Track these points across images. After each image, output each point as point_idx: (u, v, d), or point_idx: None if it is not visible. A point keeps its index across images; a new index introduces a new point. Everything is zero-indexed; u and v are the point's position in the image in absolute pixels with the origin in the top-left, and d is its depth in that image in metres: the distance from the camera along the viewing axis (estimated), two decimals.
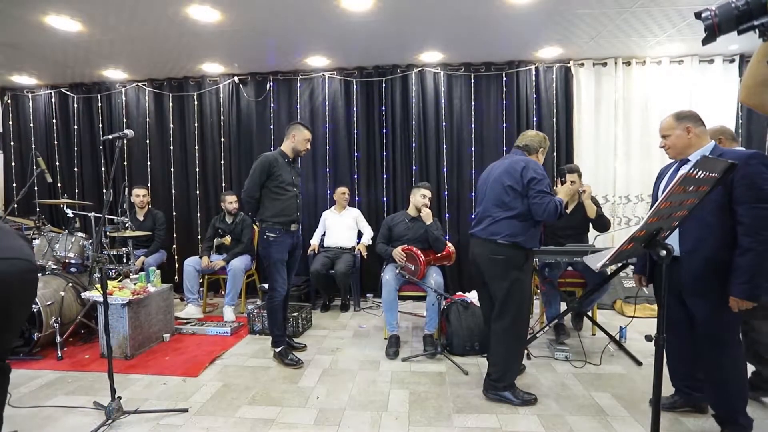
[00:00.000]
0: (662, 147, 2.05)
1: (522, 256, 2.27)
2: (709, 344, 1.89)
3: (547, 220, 2.25)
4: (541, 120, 4.48)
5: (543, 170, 2.27)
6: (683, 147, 1.98)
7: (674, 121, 1.98)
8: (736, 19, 0.88)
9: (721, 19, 0.89)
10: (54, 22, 3.26)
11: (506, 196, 2.26)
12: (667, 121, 2.01)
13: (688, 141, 1.96)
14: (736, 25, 0.89)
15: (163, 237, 4.35)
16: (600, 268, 1.10)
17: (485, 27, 3.62)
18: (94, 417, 2.18)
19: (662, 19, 3.44)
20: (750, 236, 1.70)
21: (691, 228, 1.84)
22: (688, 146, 1.97)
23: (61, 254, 3.39)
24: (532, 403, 2.27)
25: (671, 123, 1.99)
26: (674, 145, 1.99)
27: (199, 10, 3.15)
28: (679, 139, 1.96)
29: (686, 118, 1.98)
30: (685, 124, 1.95)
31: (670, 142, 1.99)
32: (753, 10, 0.86)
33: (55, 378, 2.69)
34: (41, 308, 2.96)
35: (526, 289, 2.31)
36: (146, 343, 3.16)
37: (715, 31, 0.90)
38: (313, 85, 4.67)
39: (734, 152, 1.89)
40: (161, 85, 4.85)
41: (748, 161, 1.76)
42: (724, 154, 1.86)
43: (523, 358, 2.70)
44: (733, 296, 1.75)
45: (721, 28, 0.90)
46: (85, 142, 4.96)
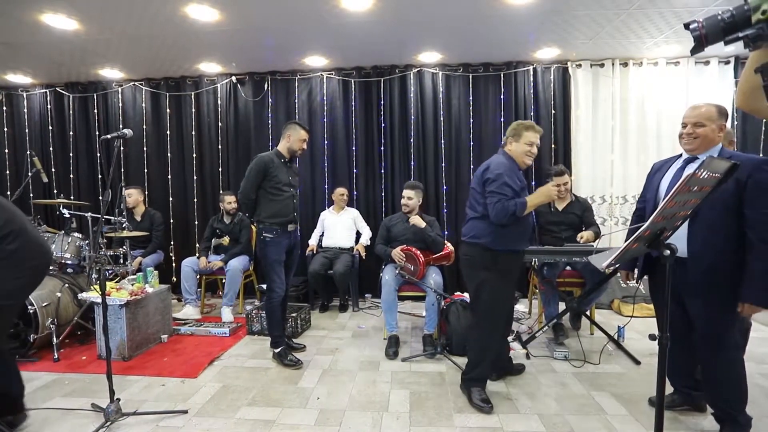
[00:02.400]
0: (688, 134, 1.89)
1: (488, 257, 2.23)
2: (708, 345, 1.89)
3: (499, 222, 2.16)
4: (539, 120, 4.49)
5: (505, 168, 2.20)
6: (709, 142, 1.87)
7: (716, 113, 1.85)
8: (722, 31, 0.90)
9: (708, 30, 0.91)
10: (50, 20, 3.23)
11: (473, 198, 2.33)
12: (711, 111, 1.85)
13: (715, 138, 1.86)
14: (722, 36, 0.91)
15: (160, 237, 4.32)
16: (605, 267, 1.10)
17: (483, 28, 3.63)
18: (93, 419, 2.16)
19: (659, 20, 3.47)
20: (765, 242, 1.68)
21: (698, 230, 1.80)
22: (711, 143, 1.87)
23: (57, 255, 3.35)
24: (485, 411, 2.19)
25: (713, 114, 1.85)
26: (705, 137, 1.85)
27: (198, 9, 3.13)
28: (712, 133, 1.86)
29: (725, 115, 1.88)
30: (722, 121, 1.86)
31: (703, 132, 1.85)
32: (738, 22, 0.88)
33: (52, 380, 2.66)
34: (37, 309, 2.93)
35: (495, 291, 2.26)
36: (144, 344, 3.14)
37: (702, 42, 0.93)
38: (312, 85, 4.66)
39: (746, 157, 1.84)
40: (158, 84, 4.82)
41: (762, 167, 1.74)
42: (734, 155, 1.83)
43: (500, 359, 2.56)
44: (748, 302, 1.73)
45: (708, 39, 0.92)
46: (81, 142, 4.92)
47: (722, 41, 0.91)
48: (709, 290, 1.82)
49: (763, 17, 0.85)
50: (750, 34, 0.86)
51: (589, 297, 3.10)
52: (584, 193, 4.37)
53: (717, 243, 1.78)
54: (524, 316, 3.90)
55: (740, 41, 0.89)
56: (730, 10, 0.88)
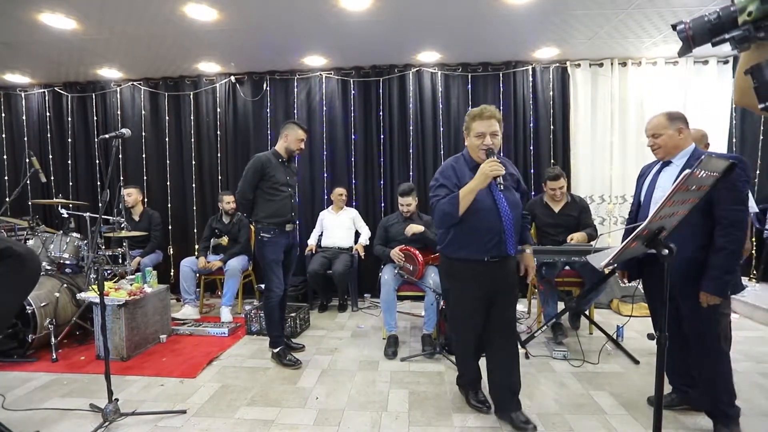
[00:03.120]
0: (651, 146, 2.05)
1: (446, 266, 2.16)
2: (693, 342, 1.95)
3: (442, 226, 2.06)
4: (538, 120, 4.50)
5: (444, 168, 2.07)
6: (672, 147, 1.99)
7: (667, 120, 1.99)
8: (709, 32, 0.90)
9: (695, 31, 0.90)
10: (48, 20, 3.22)
11: None
12: (659, 121, 2.01)
13: (678, 142, 1.98)
14: (709, 37, 0.90)
15: (159, 237, 4.31)
16: (604, 266, 1.11)
17: (483, 27, 3.63)
18: (91, 419, 2.16)
19: (657, 20, 3.47)
20: (724, 236, 1.77)
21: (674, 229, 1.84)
22: (676, 147, 1.99)
23: (55, 255, 3.35)
24: (483, 411, 2.19)
25: (664, 122, 1.99)
26: (665, 144, 1.99)
27: (196, 9, 3.13)
28: (671, 139, 1.98)
29: (679, 119, 1.99)
30: (678, 125, 1.98)
31: (662, 141, 2.00)
32: (725, 23, 0.87)
33: (50, 380, 2.65)
34: (35, 309, 2.93)
35: (456, 304, 2.17)
36: (143, 344, 3.13)
37: (690, 43, 0.92)
38: (310, 85, 4.66)
39: (717, 155, 1.92)
40: (157, 84, 4.81)
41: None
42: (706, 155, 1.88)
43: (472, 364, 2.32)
44: (703, 291, 1.82)
45: (695, 40, 0.91)
46: (80, 142, 4.91)
47: (709, 42, 0.90)
48: (688, 290, 1.87)
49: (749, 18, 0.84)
50: (736, 35, 0.86)
51: (588, 297, 3.10)
52: (583, 192, 4.38)
53: (690, 242, 1.84)
54: (523, 316, 3.90)
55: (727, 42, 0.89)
56: (716, 11, 0.88)
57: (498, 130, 1.95)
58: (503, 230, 1.93)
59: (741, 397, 2.31)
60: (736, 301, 3.74)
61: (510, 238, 1.96)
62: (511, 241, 1.98)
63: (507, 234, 1.95)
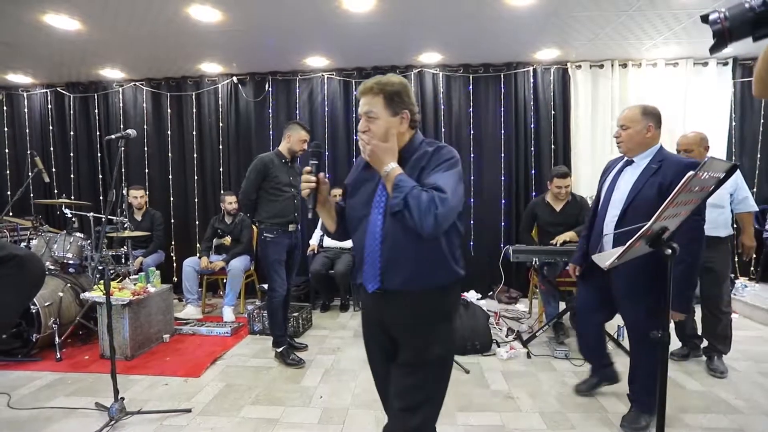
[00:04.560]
0: (616, 137, 1.96)
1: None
2: (637, 345, 2.00)
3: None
4: (539, 121, 4.52)
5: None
6: (637, 144, 1.91)
7: (640, 114, 1.90)
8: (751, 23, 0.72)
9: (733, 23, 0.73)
10: (52, 20, 3.24)
11: None
12: (633, 113, 1.92)
13: (644, 139, 1.90)
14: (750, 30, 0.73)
15: (161, 237, 4.33)
16: (609, 266, 1.12)
17: (484, 28, 3.65)
18: (97, 418, 2.17)
19: (658, 22, 3.49)
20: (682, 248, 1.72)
21: (624, 235, 1.80)
22: (641, 145, 1.91)
23: (59, 255, 3.36)
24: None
25: (636, 115, 1.90)
26: (631, 138, 1.91)
27: (200, 10, 3.14)
28: (638, 134, 1.90)
29: (652, 115, 1.91)
30: (649, 121, 1.89)
31: (627, 135, 1.91)
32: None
33: (55, 379, 2.67)
34: (40, 309, 2.94)
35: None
36: (146, 343, 3.14)
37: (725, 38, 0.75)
38: (312, 86, 4.67)
39: (675, 158, 1.90)
40: (159, 84, 4.82)
41: (685, 171, 1.75)
42: (666, 159, 1.87)
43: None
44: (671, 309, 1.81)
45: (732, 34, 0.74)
46: (82, 142, 4.92)
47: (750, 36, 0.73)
48: (636, 295, 1.88)
49: None
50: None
51: None
52: (584, 192, 4.38)
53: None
54: (524, 316, 3.92)
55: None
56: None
57: (375, 110, 1.28)
58: (363, 257, 1.32)
59: (740, 396, 2.35)
60: (735, 301, 3.76)
61: (372, 268, 1.30)
62: (385, 272, 1.28)
63: (366, 262, 1.31)
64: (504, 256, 4.35)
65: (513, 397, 2.39)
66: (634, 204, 1.83)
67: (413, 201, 1.16)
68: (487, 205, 4.60)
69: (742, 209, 2.71)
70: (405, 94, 1.31)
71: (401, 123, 1.31)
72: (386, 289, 1.30)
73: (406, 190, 1.18)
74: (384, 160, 1.24)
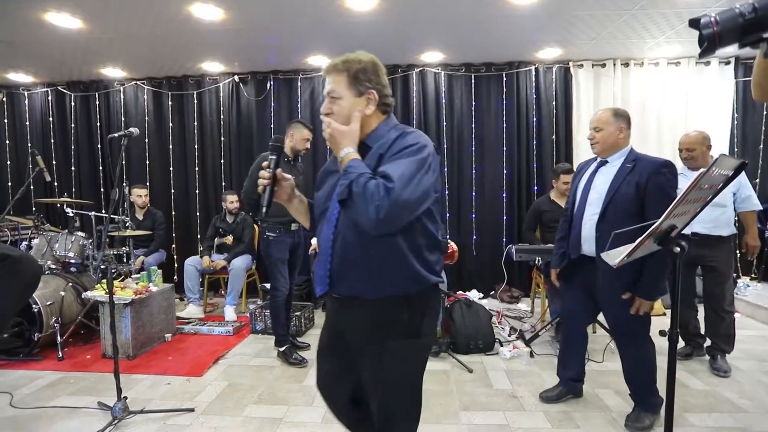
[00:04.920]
0: (590, 139, 2.02)
1: None
2: (623, 341, 2.01)
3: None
4: (541, 120, 4.52)
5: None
6: (610, 145, 1.98)
7: (612, 116, 1.98)
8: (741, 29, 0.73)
9: (723, 27, 0.74)
10: (54, 19, 3.23)
11: None
12: (606, 115, 1.99)
13: (616, 140, 1.97)
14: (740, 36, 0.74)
15: (162, 236, 4.32)
16: (618, 264, 1.12)
17: (486, 28, 3.64)
18: (99, 417, 2.16)
19: (661, 21, 3.49)
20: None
21: (605, 233, 1.82)
22: (614, 146, 1.98)
23: (60, 254, 3.35)
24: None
25: (609, 117, 1.98)
26: (604, 140, 1.98)
27: (202, 9, 3.14)
28: (611, 136, 1.97)
29: (623, 117, 1.99)
30: (620, 123, 1.97)
31: (601, 136, 1.98)
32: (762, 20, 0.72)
33: (57, 378, 2.66)
34: (41, 308, 2.93)
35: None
36: (148, 343, 3.14)
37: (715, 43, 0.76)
38: (314, 85, 4.66)
39: (648, 158, 1.95)
40: (160, 83, 4.81)
41: (659, 170, 1.84)
42: (639, 158, 1.93)
43: None
44: (637, 296, 1.84)
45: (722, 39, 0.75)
46: (83, 141, 4.91)
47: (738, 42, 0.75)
48: (615, 293, 1.89)
49: None
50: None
51: None
52: None
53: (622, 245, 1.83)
54: (527, 315, 3.92)
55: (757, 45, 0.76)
56: (752, 3, 0.72)
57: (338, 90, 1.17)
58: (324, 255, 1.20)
59: (744, 395, 2.35)
60: (738, 301, 3.76)
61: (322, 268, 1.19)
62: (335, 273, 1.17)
63: (319, 260, 1.22)
64: (507, 256, 4.37)
65: (517, 396, 2.39)
66: (614, 201, 1.88)
67: (357, 189, 1.00)
68: (489, 204, 4.59)
69: (746, 208, 2.71)
70: (373, 72, 1.17)
71: (367, 104, 1.16)
72: (340, 294, 1.18)
73: (352, 176, 1.03)
74: (341, 144, 1.10)
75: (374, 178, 1.02)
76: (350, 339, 1.22)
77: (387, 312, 1.14)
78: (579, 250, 2.01)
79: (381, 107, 1.19)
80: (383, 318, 1.14)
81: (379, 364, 1.15)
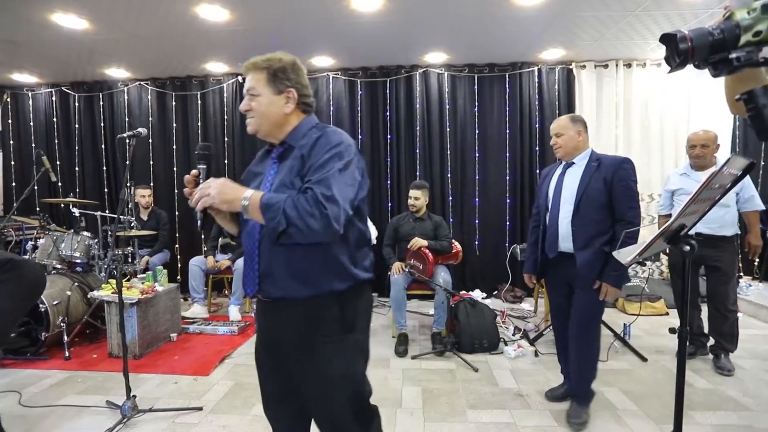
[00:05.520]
0: (553, 145, 2.16)
1: None
2: (579, 326, 2.07)
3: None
4: (544, 120, 4.53)
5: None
6: (572, 149, 2.11)
7: (569, 122, 2.12)
8: (710, 47, 0.79)
9: (696, 43, 0.78)
10: (60, 19, 3.24)
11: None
12: (563, 122, 2.13)
13: (577, 143, 2.11)
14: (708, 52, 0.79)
15: (166, 237, 4.33)
16: (629, 262, 1.14)
17: (490, 29, 3.66)
18: (108, 416, 2.18)
19: (664, 22, 3.51)
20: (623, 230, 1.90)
21: (581, 226, 2.00)
22: (576, 149, 2.11)
23: (66, 254, 3.36)
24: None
25: (567, 124, 2.12)
26: (565, 145, 2.11)
27: (208, 10, 3.15)
28: (571, 140, 2.10)
29: (580, 121, 2.13)
30: (578, 127, 2.11)
31: (562, 141, 2.11)
32: (727, 41, 0.77)
33: (65, 377, 2.67)
34: (48, 308, 2.94)
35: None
36: (154, 342, 3.15)
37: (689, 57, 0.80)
38: (317, 85, 4.68)
39: (610, 157, 2.09)
40: (164, 84, 4.83)
41: (622, 166, 1.99)
42: (602, 158, 2.07)
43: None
44: (606, 282, 1.93)
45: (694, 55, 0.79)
46: (87, 141, 4.93)
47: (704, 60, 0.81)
48: (586, 280, 1.99)
49: (755, 39, 0.76)
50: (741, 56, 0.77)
51: None
52: None
53: (597, 237, 1.98)
54: (530, 315, 3.94)
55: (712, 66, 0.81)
56: (720, 26, 0.79)
57: (257, 87, 1.19)
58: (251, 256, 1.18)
59: (748, 393, 2.37)
60: (740, 300, 3.78)
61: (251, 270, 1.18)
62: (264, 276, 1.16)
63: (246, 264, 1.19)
64: (511, 256, 4.39)
65: (522, 394, 2.40)
66: (586, 196, 2.01)
67: (293, 212, 1.00)
68: (492, 204, 4.61)
69: (749, 208, 2.73)
70: (292, 71, 1.18)
71: (286, 102, 1.17)
72: (269, 297, 1.16)
73: (280, 204, 1.01)
74: (237, 195, 1.05)
75: (303, 192, 1.04)
76: (284, 344, 1.18)
77: (318, 309, 1.13)
78: (556, 248, 2.10)
79: (301, 106, 1.20)
80: (315, 315, 1.13)
81: (315, 363, 1.14)
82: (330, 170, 1.05)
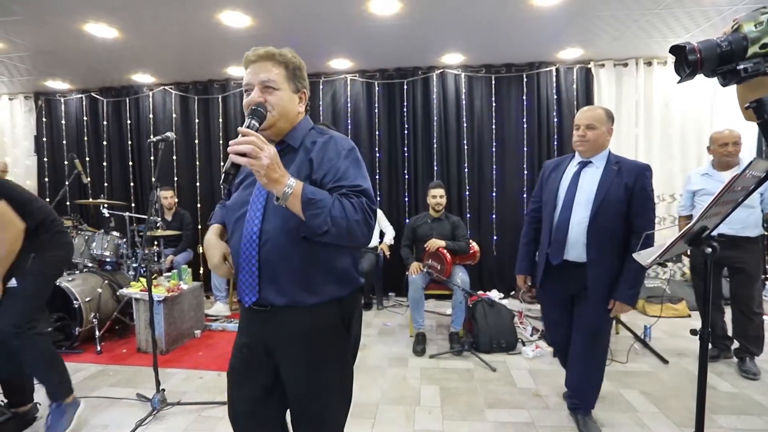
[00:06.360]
0: (581, 137, 1.91)
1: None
2: (590, 342, 1.94)
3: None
4: (562, 121, 4.50)
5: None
6: (599, 146, 1.92)
7: (606, 117, 1.92)
8: (718, 58, 0.82)
9: (705, 55, 0.82)
10: (92, 29, 3.39)
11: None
12: (600, 114, 1.92)
13: (605, 141, 1.93)
14: (717, 63, 0.83)
15: (190, 236, 4.46)
16: (650, 263, 1.15)
17: (508, 29, 3.66)
18: (139, 408, 2.28)
19: (686, 19, 3.45)
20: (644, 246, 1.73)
21: (596, 236, 1.83)
22: (601, 146, 1.92)
23: (97, 253, 3.52)
24: None
25: (603, 118, 1.91)
26: (595, 140, 1.90)
27: (231, 16, 3.25)
28: (601, 136, 1.91)
29: (612, 119, 1.95)
30: (610, 125, 1.93)
31: (593, 135, 1.89)
32: (735, 52, 0.81)
33: (97, 371, 2.80)
34: (81, 304, 3.08)
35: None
36: (179, 338, 3.26)
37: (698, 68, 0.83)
38: (335, 87, 4.75)
39: (629, 160, 1.93)
40: (187, 88, 4.97)
41: (644, 173, 1.83)
42: (621, 161, 1.91)
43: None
44: (621, 301, 1.80)
45: (703, 65, 0.83)
46: (114, 144, 5.11)
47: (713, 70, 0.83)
48: (603, 294, 1.86)
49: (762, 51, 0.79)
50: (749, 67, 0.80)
51: None
52: None
53: (611, 249, 1.84)
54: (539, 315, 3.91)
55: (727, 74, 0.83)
56: (728, 38, 0.82)
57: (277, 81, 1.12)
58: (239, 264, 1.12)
59: None
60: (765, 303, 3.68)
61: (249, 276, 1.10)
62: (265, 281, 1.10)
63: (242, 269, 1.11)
64: None
65: (541, 395, 2.41)
66: (605, 203, 1.83)
67: (340, 215, 0.98)
68: (509, 204, 4.60)
69: None
70: (303, 73, 1.19)
71: (299, 102, 1.17)
72: (271, 305, 1.09)
73: (325, 204, 0.98)
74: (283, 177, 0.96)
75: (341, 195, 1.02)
76: (282, 352, 1.14)
77: (325, 316, 1.11)
78: (562, 256, 1.90)
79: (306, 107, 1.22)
80: (321, 322, 1.11)
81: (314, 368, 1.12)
82: (357, 177, 1.07)
